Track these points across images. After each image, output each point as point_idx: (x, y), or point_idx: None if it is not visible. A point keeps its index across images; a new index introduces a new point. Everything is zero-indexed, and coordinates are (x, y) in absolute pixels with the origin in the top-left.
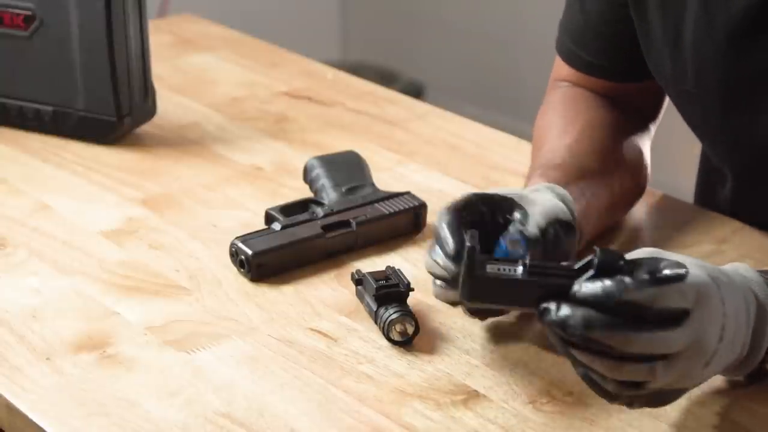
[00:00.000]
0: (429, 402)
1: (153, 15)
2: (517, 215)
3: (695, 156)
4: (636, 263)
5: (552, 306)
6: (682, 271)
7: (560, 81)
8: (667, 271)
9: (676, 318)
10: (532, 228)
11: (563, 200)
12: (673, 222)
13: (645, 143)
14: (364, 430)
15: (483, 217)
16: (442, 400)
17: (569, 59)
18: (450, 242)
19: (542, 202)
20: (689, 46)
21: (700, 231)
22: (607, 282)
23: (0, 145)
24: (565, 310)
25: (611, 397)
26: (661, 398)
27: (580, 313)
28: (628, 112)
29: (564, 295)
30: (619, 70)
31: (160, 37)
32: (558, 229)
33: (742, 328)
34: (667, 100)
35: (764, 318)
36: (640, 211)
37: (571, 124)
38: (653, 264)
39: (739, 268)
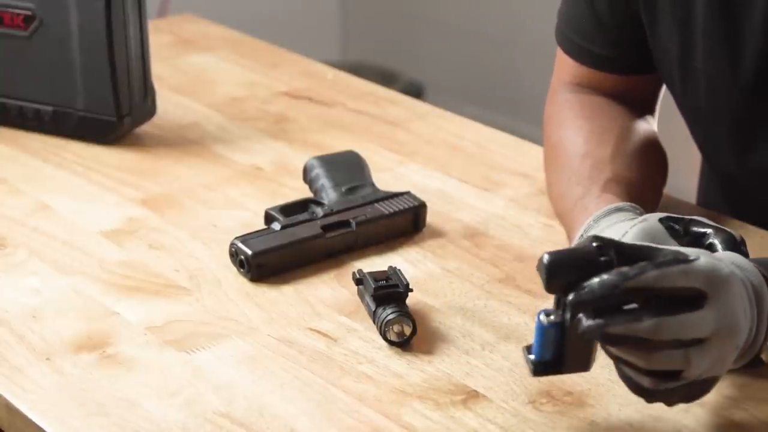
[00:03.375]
0: (428, 402)
1: (153, 15)
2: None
3: (695, 156)
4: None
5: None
6: (685, 257)
7: (565, 84)
8: (668, 258)
9: (696, 300)
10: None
11: (634, 211)
12: None
13: (653, 127)
14: (363, 430)
15: None
16: (442, 400)
17: (578, 55)
18: None
19: (618, 229)
20: (700, 21)
21: None
22: (605, 276)
23: (0, 145)
24: (585, 321)
25: (648, 394)
26: (698, 389)
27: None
28: (633, 107)
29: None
30: (629, 61)
31: (160, 37)
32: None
33: (746, 308)
34: (661, 96)
35: (762, 305)
36: None
37: (606, 132)
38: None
39: (729, 256)
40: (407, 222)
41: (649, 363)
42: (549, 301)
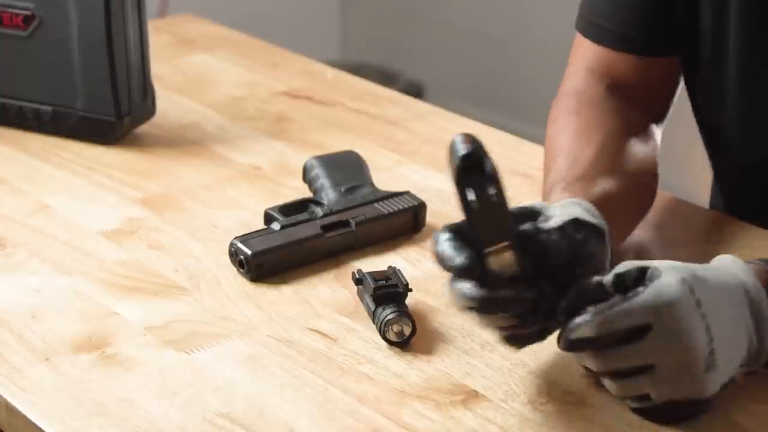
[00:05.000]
0: (428, 402)
1: (153, 15)
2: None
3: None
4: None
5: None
6: (629, 298)
7: (575, 74)
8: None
9: (642, 330)
10: (551, 223)
11: (590, 213)
12: (681, 223)
13: (655, 147)
14: (363, 430)
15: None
16: (442, 400)
17: (595, 35)
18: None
19: (564, 209)
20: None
21: (701, 231)
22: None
23: (0, 145)
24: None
25: (640, 413)
26: (682, 409)
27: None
28: (640, 112)
29: None
30: (650, 40)
31: (160, 37)
32: (583, 229)
33: (738, 320)
34: (676, 97)
35: (760, 312)
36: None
37: (593, 131)
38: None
39: (724, 260)
40: (407, 222)
41: (619, 390)
42: None
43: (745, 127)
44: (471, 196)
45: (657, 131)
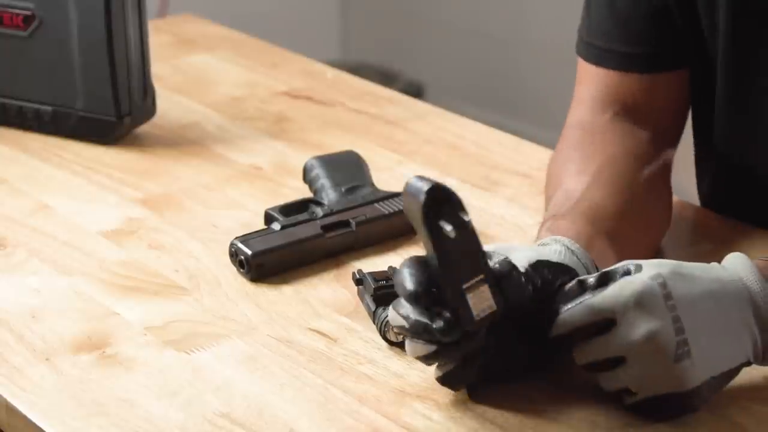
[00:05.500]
0: (429, 402)
1: (153, 15)
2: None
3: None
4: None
5: None
6: (595, 294)
7: (581, 105)
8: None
9: (607, 326)
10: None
11: (571, 250)
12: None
13: (666, 165)
14: (363, 430)
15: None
16: (442, 401)
17: (600, 59)
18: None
19: (529, 249)
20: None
21: (700, 232)
22: None
23: (0, 145)
24: None
25: (630, 408)
26: (668, 404)
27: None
28: (649, 133)
29: None
30: (654, 57)
31: (160, 37)
32: (545, 271)
33: (732, 315)
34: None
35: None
36: None
37: (590, 160)
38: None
39: (731, 258)
40: (407, 222)
41: (604, 384)
42: None
43: (732, 125)
44: (447, 227)
45: (670, 150)
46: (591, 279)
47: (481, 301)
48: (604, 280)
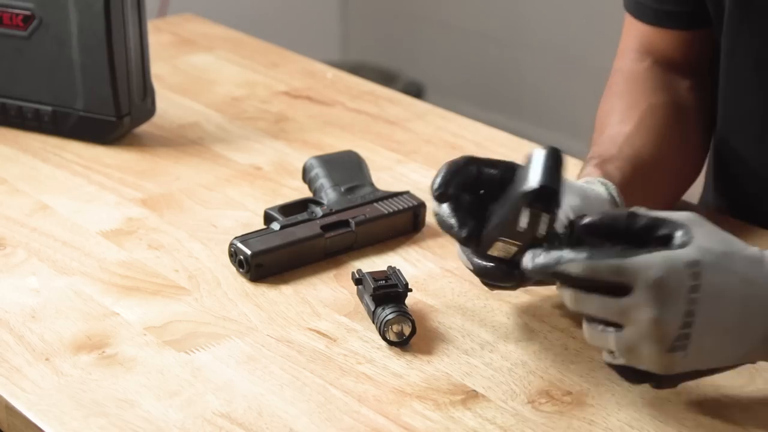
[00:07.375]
0: (428, 402)
1: (153, 15)
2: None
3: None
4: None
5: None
6: (627, 255)
7: (625, 54)
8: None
9: (623, 291)
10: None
11: (612, 194)
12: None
13: (704, 116)
14: (363, 430)
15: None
16: (441, 400)
17: (639, 13)
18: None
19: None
20: None
21: None
22: (540, 258)
23: (0, 145)
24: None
25: (617, 371)
26: (642, 377)
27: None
28: (688, 81)
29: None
30: (690, 14)
31: (160, 37)
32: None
33: (748, 321)
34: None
35: None
36: None
37: (633, 109)
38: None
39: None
40: (406, 222)
41: (587, 336)
42: (548, 303)
43: (729, 123)
44: (543, 226)
45: (706, 99)
46: (642, 218)
47: (503, 253)
48: (653, 228)
